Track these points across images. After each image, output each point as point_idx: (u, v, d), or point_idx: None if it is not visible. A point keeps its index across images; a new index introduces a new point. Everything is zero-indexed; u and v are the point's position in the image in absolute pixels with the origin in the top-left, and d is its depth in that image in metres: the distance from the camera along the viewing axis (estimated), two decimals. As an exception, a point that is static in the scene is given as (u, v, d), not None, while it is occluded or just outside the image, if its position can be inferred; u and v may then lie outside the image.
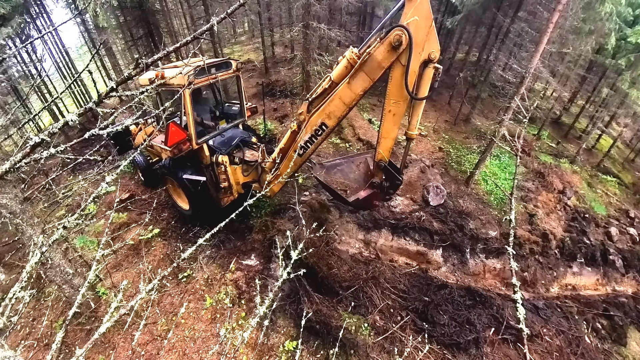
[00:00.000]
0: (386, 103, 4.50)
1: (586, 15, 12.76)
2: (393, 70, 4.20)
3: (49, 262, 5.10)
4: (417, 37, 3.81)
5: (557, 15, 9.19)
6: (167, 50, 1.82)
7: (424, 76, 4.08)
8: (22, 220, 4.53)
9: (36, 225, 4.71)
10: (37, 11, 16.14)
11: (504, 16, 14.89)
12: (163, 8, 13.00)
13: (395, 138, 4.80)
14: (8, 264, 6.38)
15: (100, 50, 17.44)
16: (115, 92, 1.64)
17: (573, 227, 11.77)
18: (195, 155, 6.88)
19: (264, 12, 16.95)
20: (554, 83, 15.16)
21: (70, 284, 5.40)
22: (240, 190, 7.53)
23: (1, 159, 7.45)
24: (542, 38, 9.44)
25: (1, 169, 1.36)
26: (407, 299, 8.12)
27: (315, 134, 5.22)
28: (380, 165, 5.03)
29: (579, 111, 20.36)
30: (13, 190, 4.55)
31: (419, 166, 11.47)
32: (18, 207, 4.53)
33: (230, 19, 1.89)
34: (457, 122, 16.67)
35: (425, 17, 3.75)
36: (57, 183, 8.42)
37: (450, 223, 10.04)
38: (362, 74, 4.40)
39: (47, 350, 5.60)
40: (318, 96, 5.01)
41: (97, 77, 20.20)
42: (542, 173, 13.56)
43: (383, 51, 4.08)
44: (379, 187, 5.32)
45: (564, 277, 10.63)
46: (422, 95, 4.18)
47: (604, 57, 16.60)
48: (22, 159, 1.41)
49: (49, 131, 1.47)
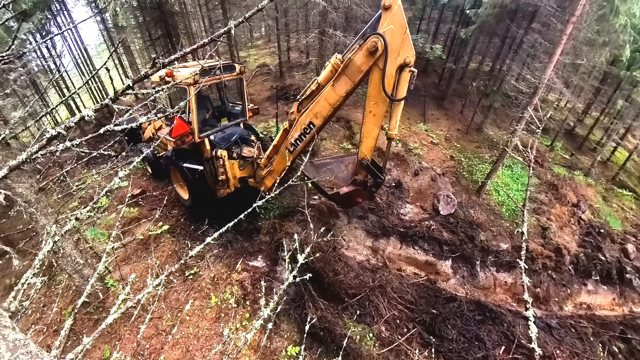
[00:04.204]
0: (367, 104, 4.88)
1: (600, 27, 12.68)
2: (372, 73, 4.60)
3: (61, 251, 5.20)
4: (393, 43, 4.21)
5: (571, 27, 9.17)
6: (184, 51, 1.84)
7: (401, 79, 4.38)
8: (37, 210, 4.62)
9: (50, 215, 4.79)
10: (58, 8, 16.58)
11: (518, 27, 14.90)
12: (182, 10, 13.28)
13: (376, 137, 5.10)
14: (22, 251, 6.57)
15: (118, 48, 17.84)
16: (131, 90, 1.65)
17: (587, 242, 11.41)
18: (198, 148, 7.42)
19: (281, 18, 17.18)
20: (568, 94, 14.97)
21: (80, 274, 5.52)
22: (237, 184, 7.90)
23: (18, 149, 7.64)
24: (556, 49, 9.41)
25: (18, 159, 1.38)
26: (415, 311, 7.92)
27: (304, 132, 5.65)
28: (363, 164, 5.31)
29: (593, 123, 19.96)
30: (29, 180, 4.64)
31: (429, 174, 11.33)
32: (33, 197, 4.61)
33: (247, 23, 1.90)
34: (469, 131, 16.49)
35: (399, 25, 4.14)
36: (72, 175, 8.57)
37: (461, 233, 9.84)
38: (344, 77, 4.85)
39: (55, 336, 5.70)
40: (307, 97, 5.45)
41: (114, 74, 20.67)
42: (555, 185, 13.24)
43: (361, 56, 4.52)
44: (362, 184, 5.58)
45: (579, 295, 10.25)
46: (400, 96, 4.49)
47: (618, 69, 16.35)
48: (38, 150, 1.43)
49: (66, 125, 1.49)
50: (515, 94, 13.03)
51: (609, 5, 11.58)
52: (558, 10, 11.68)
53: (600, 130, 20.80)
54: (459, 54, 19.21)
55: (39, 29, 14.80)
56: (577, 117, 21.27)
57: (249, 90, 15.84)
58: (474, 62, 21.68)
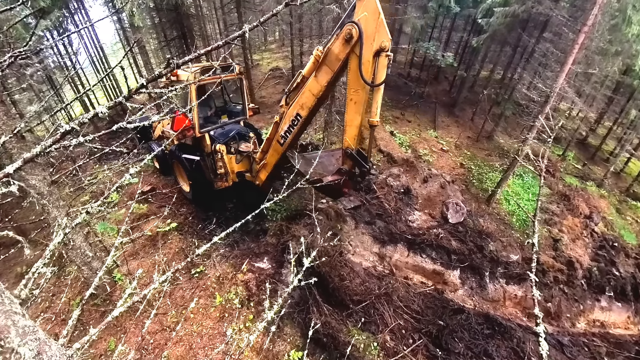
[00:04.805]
0: (348, 92, 4.97)
1: (612, 36, 12.63)
2: (350, 61, 4.72)
3: (71, 243, 5.28)
4: (367, 29, 4.34)
5: (583, 36, 9.13)
6: (198, 53, 1.86)
7: (378, 65, 4.45)
8: (49, 202, 4.68)
9: (61, 208, 4.85)
10: (75, 6, 17.00)
11: (529, 37, 14.90)
12: (198, 12, 13.49)
13: (359, 126, 5.13)
14: (33, 241, 6.68)
15: (133, 48, 18.19)
16: (145, 89, 1.67)
17: (601, 256, 11.07)
18: (199, 143, 7.87)
19: (295, 23, 17.37)
20: (580, 103, 14.77)
21: (89, 266, 5.60)
22: (235, 178, 8.28)
23: (33, 142, 7.79)
24: (568, 58, 9.37)
25: (32, 152, 1.41)
26: (421, 321, 7.72)
27: (292, 123, 5.89)
28: (347, 153, 5.36)
29: (606, 133, 19.62)
30: (42, 172, 4.71)
31: (439, 181, 11.18)
32: (46, 189, 4.68)
33: (262, 27, 1.91)
34: (479, 138, 16.32)
35: (372, 12, 4.27)
36: (84, 170, 8.72)
37: (470, 243, 9.64)
38: (325, 67, 5.04)
39: (63, 325, 5.77)
40: (293, 90, 5.70)
41: (128, 73, 21.05)
42: (567, 196, 12.93)
43: (338, 45, 4.71)
44: (347, 174, 5.61)
45: (592, 311, 9.90)
46: (378, 82, 4.54)
47: (631, 79, 16.13)
48: (52, 144, 1.45)
49: (80, 121, 1.51)
50: (526, 102, 12.94)
51: (621, 15, 11.53)
52: (570, 20, 11.65)
53: (613, 140, 20.40)
54: (470, 62, 19.17)
55: (57, 27, 15.17)
56: (590, 126, 20.96)
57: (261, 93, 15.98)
58: (485, 70, 21.58)
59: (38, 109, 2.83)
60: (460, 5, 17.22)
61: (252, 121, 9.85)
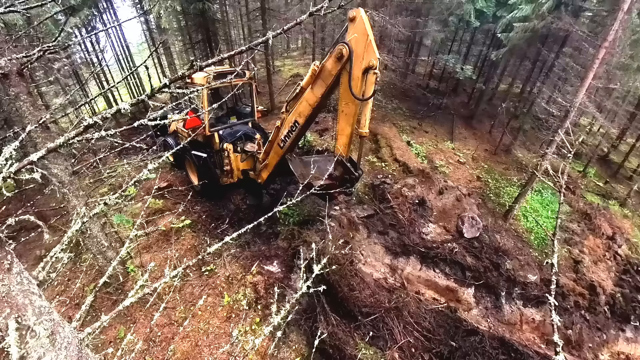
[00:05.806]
0: (339, 105, 5.41)
1: (634, 52, 12.54)
2: (342, 77, 5.17)
3: (88, 232, 5.41)
4: (357, 49, 4.74)
5: (604, 51, 8.96)
6: (221, 56, 1.92)
7: (367, 81, 4.77)
8: (69, 191, 4.79)
9: (80, 197, 4.94)
10: (104, 6, 17.77)
11: (549, 51, 14.78)
12: (223, 18, 13.83)
13: (349, 135, 5.52)
14: (53, 226, 6.93)
15: (158, 48, 18.76)
16: (167, 89, 1.71)
17: (625, 281, 10.42)
18: (209, 141, 8.40)
19: (318, 32, 17.65)
20: (601, 119, 14.35)
21: (104, 255, 5.73)
22: (240, 175, 8.79)
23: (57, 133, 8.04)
24: (588, 73, 9.17)
25: (56, 143, 1.44)
26: (432, 340, 7.35)
27: (291, 129, 6.40)
28: (338, 160, 5.71)
29: (628, 149, 18.67)
30: (64, 162, 4.83)
31: (455, 194, 10.91)
32: (67, 179, 4.78)
33: (285, 35, 1.93)
34: (497, 151, 15.95)
35: (362, 33, 4.62)
36: (104, 163, 8.93)
37: (485, 259, 9.29)
38: (320, 80, 5.55)
39: (77, 309, 5.84)
40: (293, 99, 6.21)
41: (152, 72, 21.71)
42: (588, 214, 12.33)
43: (331, 62, 5.18)
44: (337, 179, 5.98)
45: (616, 342, 9.20)
46: (367, 96, 4.85)
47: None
48: (75, 136, 1.48)
49: (103, 115, 1.54)
50: (545, 116, 12.71)
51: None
52: (590, 35, 11.53)
53: (636, 157, 19.45)
54: (489, 75, 18.97)
55: (85, 24, 15.81)
56: (611, 142, 20.23)
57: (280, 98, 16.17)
58: (504, 84, 21.30)
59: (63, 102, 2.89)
60: (480, 20, 17.11)
61: (264, 122, 10.11)
